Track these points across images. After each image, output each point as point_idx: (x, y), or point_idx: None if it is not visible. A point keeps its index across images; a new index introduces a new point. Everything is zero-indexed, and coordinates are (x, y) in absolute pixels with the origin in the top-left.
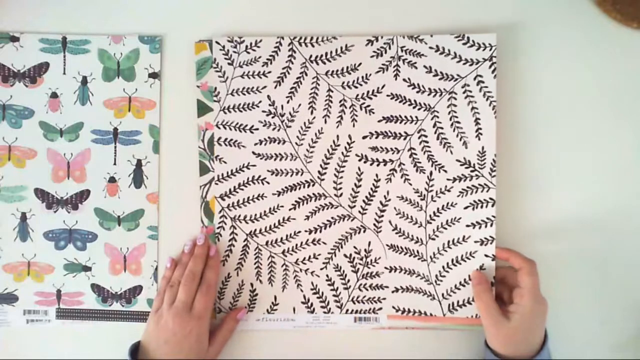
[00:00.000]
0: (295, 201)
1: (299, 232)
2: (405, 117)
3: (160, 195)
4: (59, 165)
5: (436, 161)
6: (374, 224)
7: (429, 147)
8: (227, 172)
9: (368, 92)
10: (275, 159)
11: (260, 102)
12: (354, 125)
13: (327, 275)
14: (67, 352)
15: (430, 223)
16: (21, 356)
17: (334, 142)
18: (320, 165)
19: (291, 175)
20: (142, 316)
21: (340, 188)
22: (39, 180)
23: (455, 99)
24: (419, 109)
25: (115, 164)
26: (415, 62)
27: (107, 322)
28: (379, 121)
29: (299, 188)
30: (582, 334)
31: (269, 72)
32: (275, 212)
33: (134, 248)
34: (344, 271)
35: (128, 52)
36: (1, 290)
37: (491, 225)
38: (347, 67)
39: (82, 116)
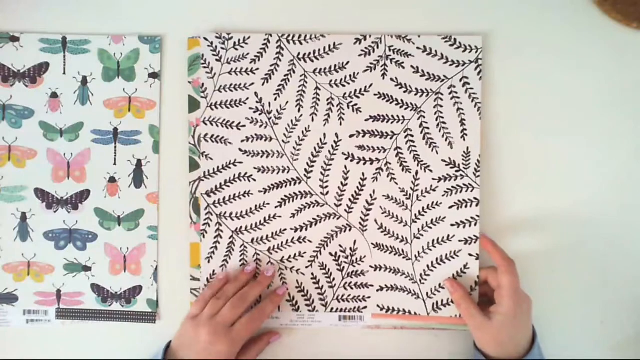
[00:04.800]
0: (282, 199)
1: (285, 230)
2: (392, 116)
3: (160, 195)
4: (59, 165)
5: (422, 161)
6: (360, 223)
7: (415, 146)
8: (214, 169)
9: (355, 90)
10: (261, 157)
11: (247, 99)
12: (341, 124)
13: (312, 274)
14: (67, 352)
15: (416, 222)
16: (21, 356)
17: (320, 140)
18: (307, 164)
19: (277, 173)
20: (141, 316)
21: (327, 186)
22: (39, 180)
23: (441, 99)
24: (405, 109)
25: (115, 164)
26: (403, 62)
27: (107, 322)
28: (366, 120)
29: (285, 186)
30: (582, 334)
31: (257, 69)
32: (261, 209)
33: (134, 248)
34: (329, 269)
35: (128, 52)
36: (1, 290)
37: (475, 224)
38: (335, 66)
39: (82, 116)
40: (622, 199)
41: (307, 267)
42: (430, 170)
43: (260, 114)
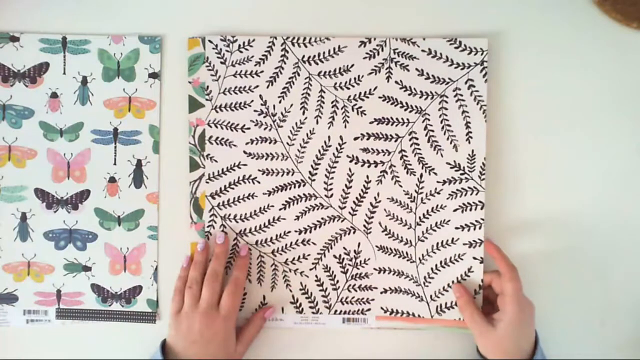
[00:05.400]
0: (286, 201)
1: (289, 232)
2: (397, 119)
3: (160, 195)
4: (59, 165)
5: (426, 163)
6: (364, 225)
7: (419, 149)
8: (218, 171)
9: (360, 93)
10: (266, 159)
11: (252, 101)
12: (345, 126)
13: (316, 276)
14: (67, 352)
15: (420, 225)
16: (21, 356)
17: (325, 142)
18: (311, 166)
19: (282, 175)
20: (141, 316)
21: (331, 189)
22: (39, 180)
23: (446, 102)
24: (410, 112)
25: (115, 164)
26: (408, 65)
27: (107, 322)
28: (370, 123)
29: (290, 188)
30: (582, 334)
31: (262, 71)
32: (266, 211)
33: (134, 248)
34: (333, 272)
35: (128, 52)
36: (1, 290)
37: (480, 227)
38: (340, 68)
39: (82, 116)
40: (624, 200)
41: (311, 270)
42: (435, 173)
43: (264, 117)
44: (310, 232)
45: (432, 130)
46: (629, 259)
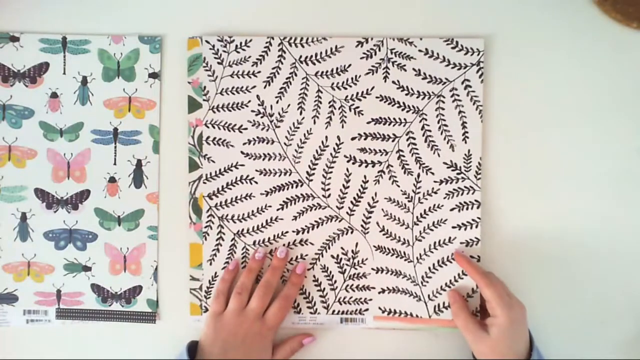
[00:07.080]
0: (283, 201)
1: (287, 232)
2: (394, 119)
3: (160, 195)
4: (59, 165)
5: (423, 163)
6: (362, 225)
7: (416, 149)
8: (216, 171)
9: (357, 93)
10: (263, 159)
11: (249, 101)
12: (342, 127)
13: (314, 276)
14: (67, 352)
15: (417, 224)
16: (21, 356)
17: (322, 142)
18: (309, 166)
19: (279, 176)
20: (141, 316)
21: (329, 189)
22: (39, 180)
23: (443, 102)
24: (407, 111)
25: (115, 164)
26: (405, 65)
27: (106, 322)
28: (367, 123)
29: (287, 188)
30: (582, 334)
31: (259, 72)
32: (263, 212)
33: (134, 248)
34: (330, 272)
35: (128, 52)
36: (1, 290)
37: (476, 226)
38: (337, 68)
39: (82, 116)
40: (624, 200)
41: (308, 270)
42: (432, 173)
43: (262, 117)
44: (308, 232)
45: (429, 130)
46: (629, 259)
